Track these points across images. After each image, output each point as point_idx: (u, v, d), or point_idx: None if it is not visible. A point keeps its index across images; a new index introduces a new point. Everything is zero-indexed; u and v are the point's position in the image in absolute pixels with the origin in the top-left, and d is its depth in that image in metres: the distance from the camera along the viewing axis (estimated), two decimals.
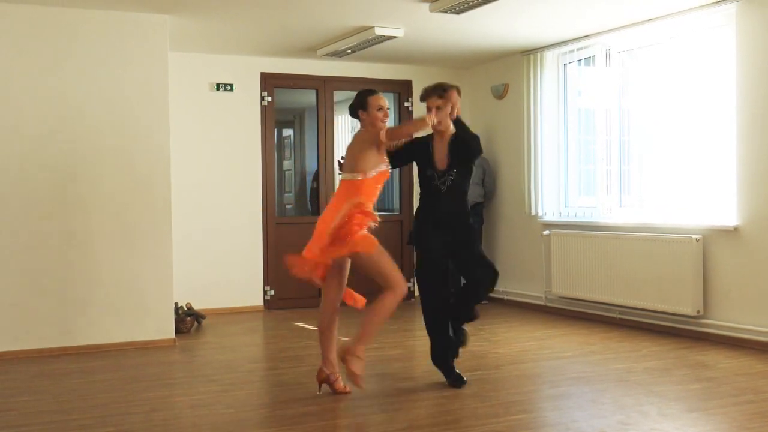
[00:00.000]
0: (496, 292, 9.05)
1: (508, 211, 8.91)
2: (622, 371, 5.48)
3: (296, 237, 8.90)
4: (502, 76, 8.87)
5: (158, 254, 6.71)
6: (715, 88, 6.54)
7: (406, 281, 5.15)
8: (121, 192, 6.60)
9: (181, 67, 8.02)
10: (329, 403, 4.77)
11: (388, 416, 4.52)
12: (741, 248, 6.28)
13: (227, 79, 8.53)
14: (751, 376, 5.27)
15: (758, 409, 4.47)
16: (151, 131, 6.71)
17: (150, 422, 4.40)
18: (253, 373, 5.86)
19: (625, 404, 4.63)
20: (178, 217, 7.59)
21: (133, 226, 6.64)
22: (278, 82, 8.82)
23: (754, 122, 6.19)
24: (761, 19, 6.11)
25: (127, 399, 4.91)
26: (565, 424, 4.26)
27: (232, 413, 4.57)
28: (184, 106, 8.15)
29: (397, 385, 5.27)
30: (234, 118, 8.57)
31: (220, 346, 6.74)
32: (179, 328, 7.09)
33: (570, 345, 6.44)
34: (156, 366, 5.94)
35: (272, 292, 8.73)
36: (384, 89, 9.42)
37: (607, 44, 7.55)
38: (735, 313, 6.30)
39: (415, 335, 7.25)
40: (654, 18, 6.86)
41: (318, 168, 9.14)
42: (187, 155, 8.18)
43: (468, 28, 7.22)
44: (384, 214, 9.71)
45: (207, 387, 5.22)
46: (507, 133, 8.88)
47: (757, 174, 6.17)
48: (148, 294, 6.68)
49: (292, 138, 11.21)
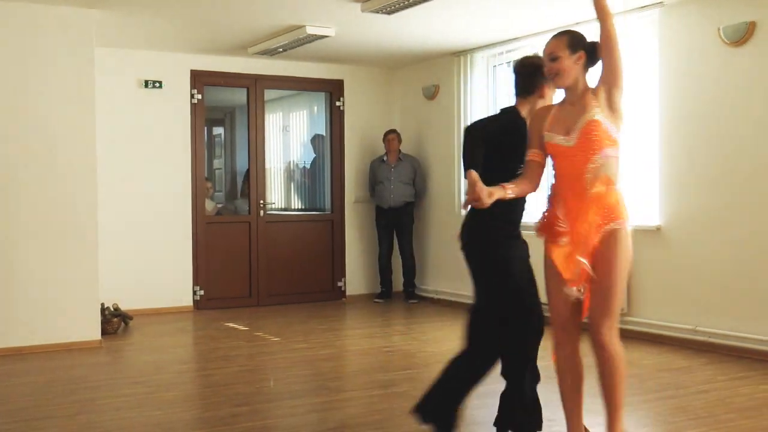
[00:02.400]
0: (426, 291, 9.12)
1: (438, 211, 8.98)
2: (549, 368, 5.55)
3: (226, 236, 8.89)
4: (433, 77, 8.94)
5: (84, 253, 6.56)
6: (638, 91, 6.71)
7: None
8: (45, 191, 6.44)
9: (108, 63, 7.85)
10: (259, 404, 4.74)
11: (318, 416, 4.52)
12: (663, 247, 6.45)
13: (156, 76, 8.39)
14: (672, 371, 5.42)
15: (680, 403, 4.61)
16: (77, 128, 6.55)
17: (74, 426, 4.31)
18: (182, 374, 5.78)
19: (552, 401, 4.70)
20: (105, 216, 7.44)
21: (58, 226, 6.48)
22: (208, 79, 8.72)
23: (675, 125, 6.38)
24: (682, 25, 6.30)
25: (50, 402, 4.79)
26: (492, 422, 4.30)
27: (160, 415, 4.50)
28: (111, 103, 7.99)
29: (328, 385, 5.27)
30: (163, 116, 8.44)
31: (147, 347, 6.63)
32: (105, 329, 6.95)
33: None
34: (81, 368, 5.81)
35: (201, 292, 8.63)
36: (315, 89, 9.42)
37: (536, 47, 7.66)
38: (657, 311, 6.47)
39: (344, 335, 7.26)
40: (581, 22, 7.00)
41: (249, 167, 9.07)
42: (114, 153, 8.01)
43: (399, 28, 7.26)
44: (314, 213, 9.72)
45: (133, 389, 5.13)
46: (437, 133, 8.95)
47: (679, 175, 6.36)
48: (73, 294, 6.52)
49: (223, 137, 11.10)
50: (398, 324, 7.84)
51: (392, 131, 9.13)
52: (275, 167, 9.97)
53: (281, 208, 9.95)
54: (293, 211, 10.15)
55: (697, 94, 6.26)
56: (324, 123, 9.60)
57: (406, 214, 9.09)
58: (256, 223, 8.98)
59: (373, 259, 9.39)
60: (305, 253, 9.19)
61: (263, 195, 9.04)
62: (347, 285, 9.39)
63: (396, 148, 9.06)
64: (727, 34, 5.96)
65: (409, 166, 9.03)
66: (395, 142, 9.06)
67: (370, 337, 7.06)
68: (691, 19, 6.25)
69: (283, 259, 9.05)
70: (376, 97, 9.55)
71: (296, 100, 10.28)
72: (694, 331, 6.21)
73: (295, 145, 10.52)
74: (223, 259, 8.77)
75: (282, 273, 9.06)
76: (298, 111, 10.54)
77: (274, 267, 9.01)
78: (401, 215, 9.04)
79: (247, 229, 8.96)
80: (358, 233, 9.46)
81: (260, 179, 9.03)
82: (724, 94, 6.07)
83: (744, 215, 5.92)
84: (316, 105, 10.04)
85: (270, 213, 9.16)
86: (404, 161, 9.03)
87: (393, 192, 8.97)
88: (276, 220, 9.18)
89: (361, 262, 9.46)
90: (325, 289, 9.30)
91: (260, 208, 9.00)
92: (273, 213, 9.28)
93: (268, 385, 5.36)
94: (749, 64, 5.86)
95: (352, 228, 9.44)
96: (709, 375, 5.33)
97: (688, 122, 6.30)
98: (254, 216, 8.99)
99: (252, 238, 8.94)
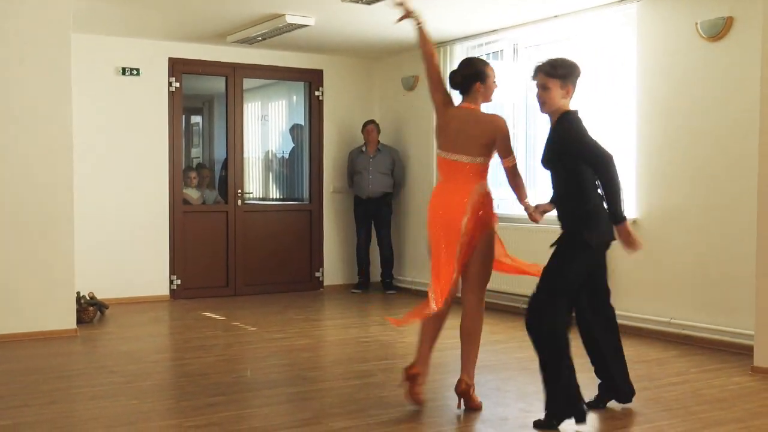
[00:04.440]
0: (404, 281, 9.14)
1: (416, 202, 8.99)
2: (526, 360, 5.60)
3: (203, 226, 8.85)
4: (413, 68, 8.93)
5: (60, 242, 6.51)
6: (616, 84, 6.75)
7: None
8: (20, 178, 6.37)
9: (84, 49, 7.78)
10: (235, 394, 4.74)
11: (294, 406, 4.53)
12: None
13: (133, 63, 8.32)
14: (647, 363, 5.48)
15: (652, 395, 4.65)
16: (53, 116, 6.48)
17: (48, 414, 4.28)
18: (158, 363, 5.76)
19: (528, 392, 4.75)
20: (82, 205, 7.38)
21: (34, 214, 6.42)
22: (187, 68, 8.67)
23: (652, 119, 6.42)
24: (660, 20, 6.34)
25: (25, 391, 4.76)
26: (469, 412, 4.34)
27: (135, 405, 4.48)
28: (88, 90, 7.92)
29: (305, 375, 5.27)
30: (140, 104, 8.38)
31: (123, 337, 6.60)
32: (81, 318, 6.90)
33: None
34: (56, 357, 5.78)
35: (178, 281, 8.60)
36: (295, 78, 9.39)
37: (515, 39, 7.70)
38: (633, 303, 6.52)
39: (322, 325, 7.26)
40: (560, 15, 7.04)
41: (227, 156, 9.03)
42: (91, 141, 7.94)
43: (379, 18, 7.24)
44: (292, 203, 9.71)
45: (109, 378, 5.11)
46: (417, 124, 8.95)
47: (656, 169, 6.41)
48: (49, 282, 6.47)
49: (201, 125, 11.04)
50: (376, 314, 7.86)
51: (371, 122, 9.12)
52: (253, 157, 9.94)
53: (259, 198, 9.92)
54: (271, 200, 10.12)
55: (675, 88, 6.30)
56: (303, 113, 9.58)
57: (385, 205, 9.09)
58: (233, 213, 8.95)
59: (351, 249, 9.39)
60: (283, 243, 9.18)
61: (241, 184, 9.01)
62: (325, 275, 9.39)
63: (375, 139, 9.06)
64: (704, 29, 6.00)
65: (388, 157, 9.04)
66: (374, 132, 9.06)
67: (347, 327, 7.07)
68: (668, 14, 6.29)
69: (260, 249, 9.03)
70: (355, 87, 9.54)
71: (275, 89, 10.24)
72: (669, 323, 6.27)
73: (274, 134, 10.49)
74: (200, 249, 8.73)
75: (259, 263, 9.04)
76: (277, 100, 10.50)
77: (252, 257, 8.99)
78: (379, 206, 9.05)
79: (225, 218, 8.93)
80: (336, 223, 9.45)
81: (238, 169, 9.00)
82: (701, 88, 6.12)
83: (720, 209, 5.97)
84: (295, 95, 10.01)
85: (248, 203, 9.13)
86: (383, 152, 9.03)
87: (371, 182, 8.97)
88: (254, 210, 9.16)
89: (339, 253, 9.46)
90: (302, 279, 9.29)
91: (238, 198, 8.97)
92: (251, 203, 9.25)
93: (245, 374, 5.36)
94: (726, 59, 5.91)
95: (330, 218, 9.43)
96: (683, 367, 5.38)
97: (665, 117, 6.34)
98: (232, 205, 8.96)
99: (230, 228, 8.92)
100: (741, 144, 5.79)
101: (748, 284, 5.50)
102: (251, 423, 4.17)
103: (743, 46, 5.78)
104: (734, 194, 5.86)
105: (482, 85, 4.47)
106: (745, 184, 5.69)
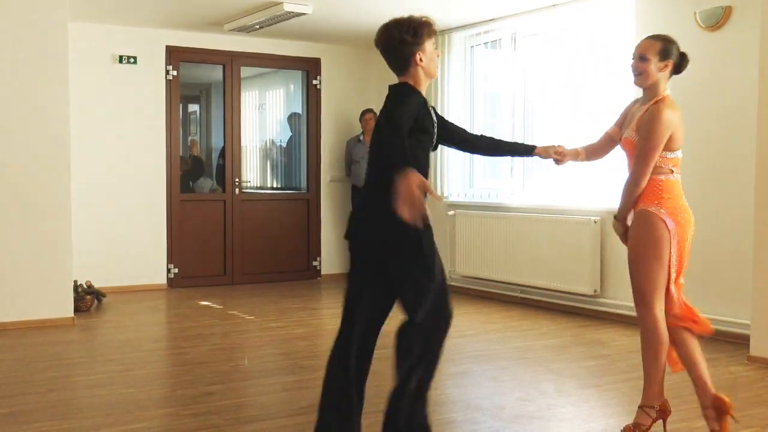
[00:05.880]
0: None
1: None
2: (522, 349, 5.62)
3: (200, 215, 8.84)
4: None
5: (57, 230, 6.50)
6: (615, 73, 6.73)
7: None
8: (18, 167, 6.36)
9: (81, 38, 7.76)
10: (233, 383, 4.75)
11: (292, 395, 4.54)
12: None
13: (130, 51, 8.30)
14: None
15: None
16: (50, 104, 6.47)
17: (46, 402, 4.29)
18: (155, 352, 5.78)
19: (524, 381, 4.76)
20: (79, 193, 7.38)
21: (31, 202, 6.41)
22: (184, 56, 8.65)
23: None
24: (658, 9, 6.32)
25: (23, 379, 4.77)
26: (466, 401, 4.35)
27: (132, 393, 4.49)
28: (85, 79, 7.90)
29: (302, 364, 5.28)
30: (137, 92, 8.35)
31: (120, 325, 6.61)
32: (79, 307, 6.91)
33: (472, 324, 6.57)
34: (54, 345, 5.78)
35: (176, 270, 8.60)
36: (292, 67, 9.37)
37: (513, 28, 7.68)
38: (628, 293, 6.50)
39: (319, 314, 7.27)
40: (558, 4, 7.02)
41: (225, 145, 9.02)
42: (88, 129, 7.93)
43: (377, 7, 7.22)
44: (290, 192, 9.70)
45: (106, 367, 5.12)
46: None
47: None
48: (47, 271, 6.47)
49: (198, 114, 11.02)
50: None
51: (369, 110, 9.10)
52: (251, 145, 9.93)
53: (257, 187, 9.91)
54: (269, 189, 10.12)
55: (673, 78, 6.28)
56: (300, 101, 9.56)
57: None
58: (231, 202, 8.94)
59: None
60: (280, 232, 9.18)
61: (239, 173, 9.00)
62: (322, 264, 9.39)
63: (372, 128, 9.01)
64: (703, 19, 5.99)
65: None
66: (372, 121, 9.03)
67: None
68: (667, 3, 6.28)
69: (258, 238, 9.03)
70: (353, 76, 9.51)
71: (273, 78, 10.22)
72: None
73: (272, 123, 10.47)
74: (197, 238, 8.73)
75: (257, 252, 9.05)
76: (275, 89, 10.48)
77: (249, 246, 8.99)
78: None
79: (222, 207, 8.92)
80: (333, 212, 9.45)
81: (236, 157, 8.98)
82: (699, 78, 6.10)
83: (717, 199, 5.97)
84: (292, 83, 9.99)
85: (245, 192, 9.13)
86: None
87: None
88: (251, 199, 9.15)
89: (336, 242, 9.45)
90: (300, 268, 9.29)
91: (235, 187, 8.96)
92: (248, 192, 9.25)
93: (242, 363, 5.37)
94: (725, 48, 5.90)
95: (328, 207, 9.43)
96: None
97: None
98: (229, 194, 8.95)
99: (227, 217, 8.91)
100: (739, 133, 5.78)
101: (744, 274, 5.51)
102: (248, 412, 4.18)
103: (742, 35, 5.77)
104: (732, 184, 5.86)
105: None
106: (742, 173, 5.69)
